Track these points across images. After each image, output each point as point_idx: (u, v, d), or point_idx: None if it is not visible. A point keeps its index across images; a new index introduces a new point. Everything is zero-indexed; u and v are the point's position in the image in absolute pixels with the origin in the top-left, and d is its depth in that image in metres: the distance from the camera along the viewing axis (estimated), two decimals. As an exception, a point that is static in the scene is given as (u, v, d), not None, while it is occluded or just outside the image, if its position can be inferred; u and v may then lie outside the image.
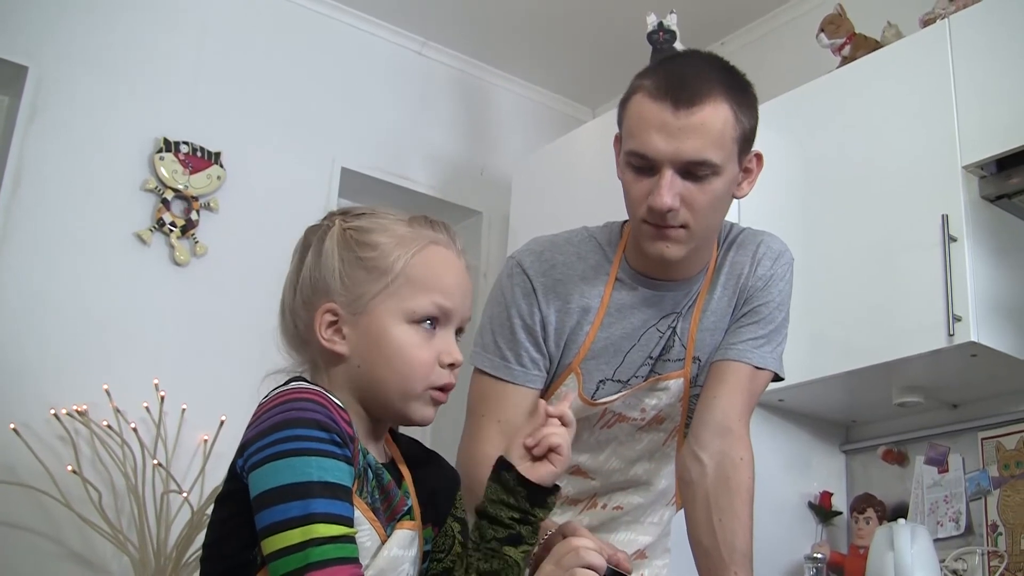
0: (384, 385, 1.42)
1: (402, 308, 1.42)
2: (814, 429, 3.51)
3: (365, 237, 1.46)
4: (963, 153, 2.91)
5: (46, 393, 3.40)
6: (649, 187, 1.80)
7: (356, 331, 1.43)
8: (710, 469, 1.92)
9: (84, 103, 3.75)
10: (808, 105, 3.39)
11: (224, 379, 3.71)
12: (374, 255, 1.44)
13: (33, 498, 3.27)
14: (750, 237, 2.05)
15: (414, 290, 1.43)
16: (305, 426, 1.30)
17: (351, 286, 1.44)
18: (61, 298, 3.55)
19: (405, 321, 1.42)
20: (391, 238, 1.45)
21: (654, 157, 1.78)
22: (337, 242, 1.46)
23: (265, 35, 4.23)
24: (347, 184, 4.31)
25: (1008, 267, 2.94)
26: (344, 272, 1.44)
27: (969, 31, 2.98)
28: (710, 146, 1.78)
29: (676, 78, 1.80)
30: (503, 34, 4.58)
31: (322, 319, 1.44)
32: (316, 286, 1.46)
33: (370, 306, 1.43)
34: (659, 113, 1.77)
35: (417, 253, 1.45)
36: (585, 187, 3.64)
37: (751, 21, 4.34)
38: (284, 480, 1.26)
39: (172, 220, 3.80)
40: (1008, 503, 3.06)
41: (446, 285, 1.45)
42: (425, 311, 1.43)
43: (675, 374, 1.99)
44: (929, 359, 2.91)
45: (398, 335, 1.42)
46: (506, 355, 1.94)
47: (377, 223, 1.48)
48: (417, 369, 1.42)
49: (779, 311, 2.03)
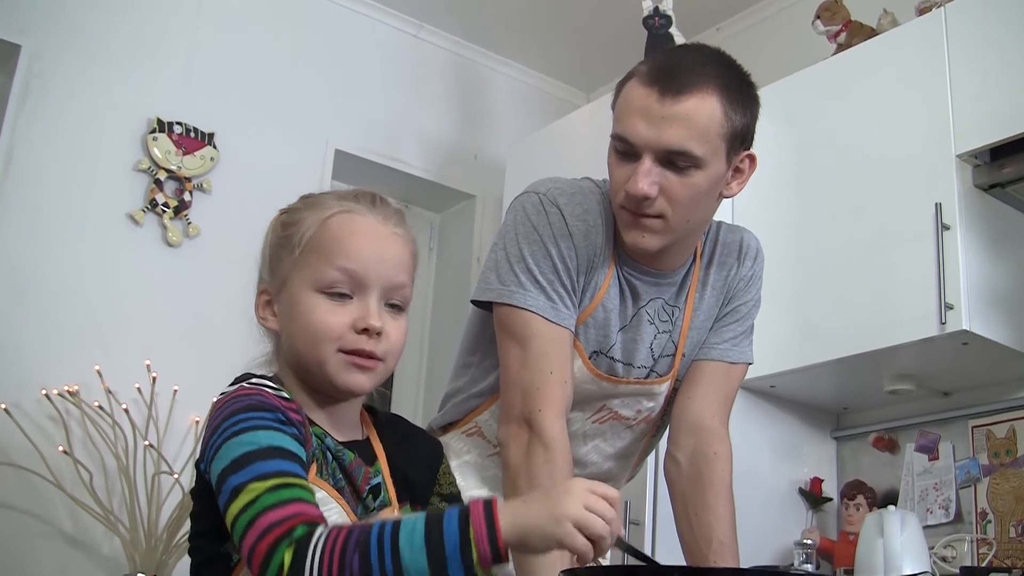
0: (303, 355, 1.43)
1: (310, 277, 1.42)
2: (805, 416, 3.52)
3: (291, 216, 1.49)
4: (957, 142, 2.91)
5: (37, 373, 3.40)
6: (629, 173, 1.77)
7: (281, 307, 1.46)
8: (684, 467, 1.95)
9: (77, 82, 3.73)
10: (803, 92, 3.39)
11: (216, 360, 3.67)
12: (289, 231, 1.46)
13: (24, 479, 3.27)
14: (730, 234, 2.03)
15: (319, 258, 1.43)
16: (245, 411, 1.33)
17: (275, 265, 1.47)
18: (53, 278, 3.54)
19: (314, 290, 1.42)
20: (307, 210, 1.48)
21: (634, 142, 1.76)
22: (271, 228, 1.52)
23: (260, 16, 4.22)
24: (340, 166, 4.30)
25: (1000, 256, 2.95)
26: (271, 253, 1.49)
27: (964, 20, 2.98)
28: (692, 138, 1.75)
29: (668, 67, 1.78)
30: (498, 18, 4.57)
31: (260, 300, 1.49)
32: (260, 274, 1.52)
33: (287, 279, 1.45)
34: (645, 99, 1.75)
35: (326, 221, 1.45)
36: (579, 171, 3.59)
37: (747, 7, 4.33)
38: (230, 457, 1.29)
39: (165, 201, 3.79)
40: (997, 491, 3.07)
41: (351, 250, 1.43)
42: (331, 278, 1.41)
43: (667, 376, 1.98)
44: (921, 347, 2.92)
45: (305, 302, 1.42)
46: (551, 295, 1.85)
47: (308, 202, 1.50)
48: (322, 333, 1.40)
49: (756, 308, 2.06)
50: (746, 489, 2.12)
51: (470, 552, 1.17)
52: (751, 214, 3.11)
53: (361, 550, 1.19)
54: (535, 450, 1.78)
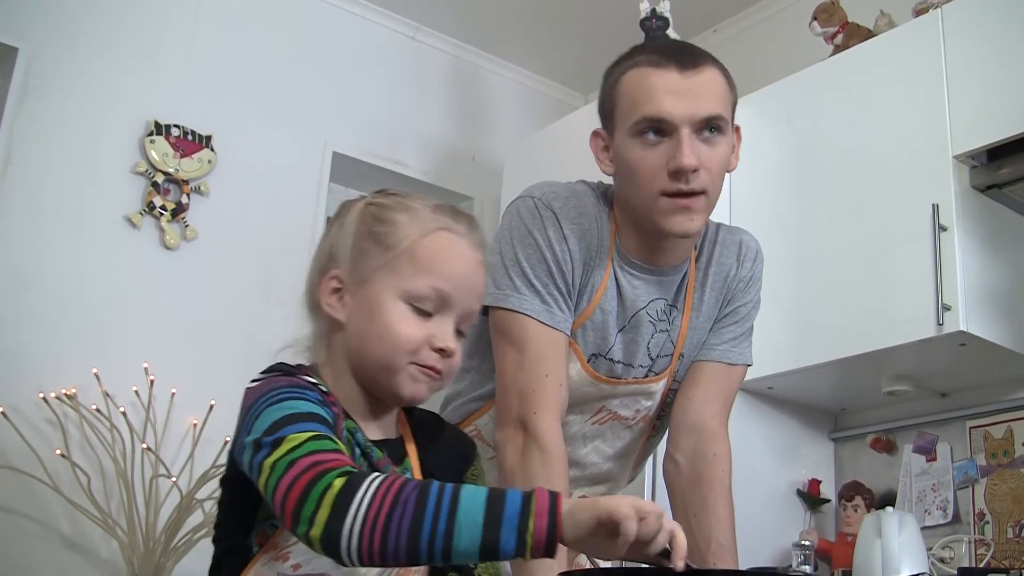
0: (372, 356, 1.42)
1: (400, 285, 1.42)
2: (803, 417, 3.52)
3: (384, 213, 1.47)
4: (954, 143, 2.91)
5: (35, 376, 3.40)
6: (664, 155, 1.78)
7: (355, 300, 1.45)
8: (684, 468, 1.96)
9: (75, 85, 3.73)
10: (800, 94, 3.39)
11: (213, 363, 3.72)
12: (386, 230, 1.45)
13: (21, 482, 3.26)
14: (729, 235, 2.04)
15: (415, 270, 1.43)
16: (286, 387, 1.35)
17: (359, 256, 1.45)
18: (51, 281, 3.54)
19: (401, 299, 1.42)
20: (408, 216, 1.46)
21: (670, 118, 1.77)
22: (358, 214, 1.49)
23: (258, 19, 4.22)
24: (338, 169, 4.30)
25: (997, 257, 2.95)
26: (356, 242, 1.46)
27: (961, 21, 2.98)
28: (718, 103, 1.81)
29: (671, 47, 1.84)
30: (496, 20, 4.57)
31: (327, 284, 1.46)
32: (331, 254, 1.48)
33: (372, 278, 1.43)
34: (666, 77, 1.79)
35: (427, 235, 1.45)
36: (577, 172, 3.60)
37: (744, 9, 4.34)
38: (270, 420, 1.30)
39: (163, 204, 3.79)
40: (995, 492, 3.07)
41: (449, 272, 1.44)
42: (421, 292, 1.42)
43: (664, 373, 1.99)
44: (918, 348, 2.92)
45: (390, 308, 1.42)
46: (546, 299, 1.86)
47: (401, 203, 1.49)
48: (402, 343, 1.41)
49: (755, 310, 2.07)
50: (744, 490, 2.12)
51: (528, 522, 1.17)
52: (749, 215, 3.12)
53: (420, 493, 1.19)
54: (531, 453, 1.78)
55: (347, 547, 1.19)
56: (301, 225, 4.09)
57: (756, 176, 3.38)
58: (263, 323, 3.89)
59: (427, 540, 1.17)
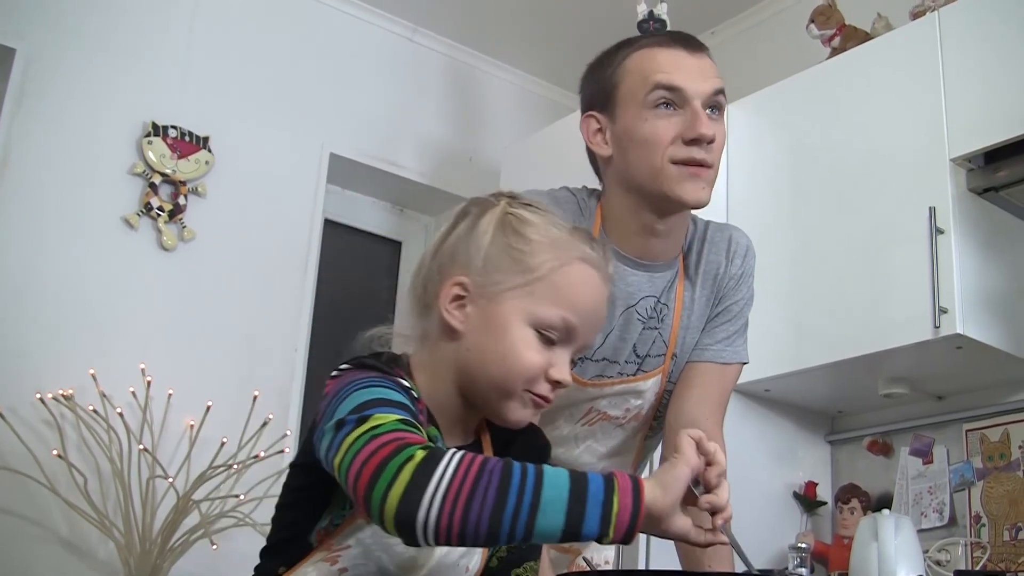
0: (487, 376, 1.39)
1: (531, 310, 1.39)
2: (800, 419, 3.52)
3: (523, 228, 1.43)
4: (951, 146, 2.91)
5: (32, 377, 3.40)
6: (677, 125, 1.83)
7: (479, 314, 1.41)
8: None
9: (72, 86, 3.73)
10: (797, 96, 3.40)
11: (211, 365, 3.72)
12: (525, 249, 1.41)
13: (18, 482, 3.26)
14: (718, 232, 2.05)
15: (550, 298, 1.39)
16: (378, 376, 1.32)
17: (491, 270, 1.41)
18: (48, 282, 3.54)
19: (529, 324, 1.39)
20: (547, 239, 1.42)
21: (685, 87, 1.84)
22: (496, 222, 1.44)
23: (255, 20, 4.22)
24: (335, 170, 4.30)
25: (994, 260, 2.95)
26: (490, 253, 1.41)
27: (958, 24, 2.98)
28: (720, 80, 1.89)
29: (674, 33, 1.95)
30: (494, 21, 4.57)
31: (450, 290, 1.42)
32: (456, 256, 1.44)
33: (502, 296, 1.40)
34: (676, 56, 1.88)
35: (566, 264, 1.41)
36: (573, 174, 3.62)
37: (741, 11, 4.34)
38: (357, 401, 1.27)
39: (160, 205, 3.79)
40: (991, 494, 3.07)
41: (581, 306, 1.41)
42: (551, 322, 1.39)
43: (655, 372, 1.99)
44: (915, 351, 2.92)
45: (518, 332, 1.38)
46: None
47: (540, 219, 1.45)
48: (525, 370, 1.38)
49: (748, 306, 2.07)
50: (741, 493, 2.11)
51: (612, 503, 1.15)
52: (746, 216, 3.12)
53: (504, 468, 1.17)
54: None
55: (424, 521, 1.14)
56: (298, 226, 4.09)
57: (753, 178, 3.38)
58: (261, 324, 3.89)
59: (511, 516, 1.14)
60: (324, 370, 1.41)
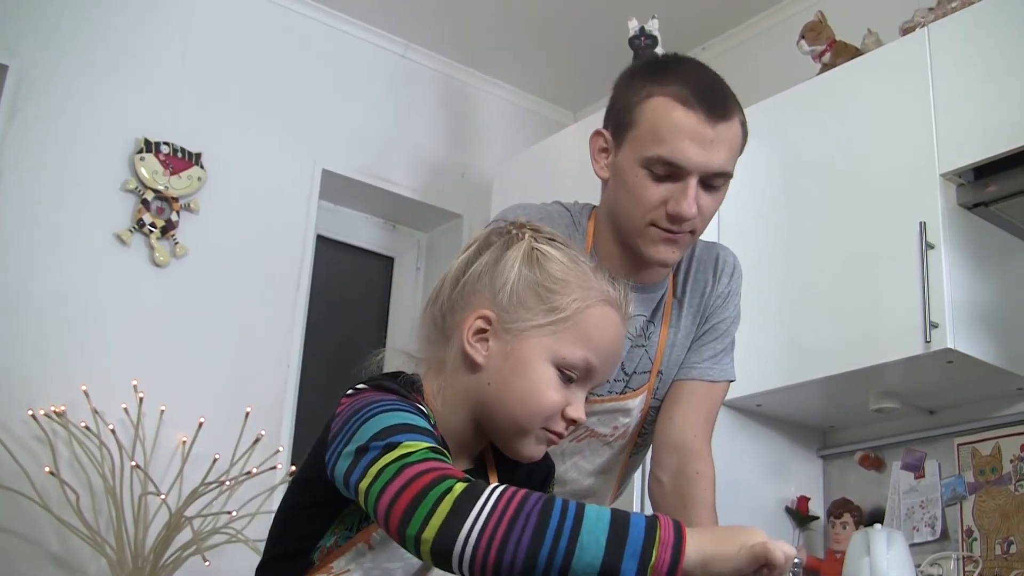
0: (506, 412, 1.40)
1: (555, 349, 1.39)
2: (792, 434, 3.52)
3: (549, 265, 1.42)
4: (941, 161, 2.92)
5: (24, 393, 3.39)
6: (666, 193, 1.80)
7: (502, 350, 1.40)
8: (667, 487, 1.96)
9: (65, 102, 3.74)
10: (788, 111, 3.41)
11: (203, 381, 3.72)
12: (552, 287, 1.41)
13: (10, 499, 3.25)
14: (706, 251, 2.05)
15: (574, 339, 1.40)
16: (390, 400, 1.32)
17: (516, 306, 1.40)
18: (40, 298, 3.54)
19: (551, 362, 1.39)
20: (575, 278, 1.42)
21: (685, 166, 1.78)
22: (522, 257, 1.43)
23: (248, 37, 4.23)
24: (328, 186, 4.31)
25: (985, 275, 2.96)
26: (516, 289, 1.41)
27: (948, 40, 3.00)
28: (733, 158, 1.83)
29: (707, 87, 1.81)
30: (486, 38, 4.59)
31: (474, 323, 1.42)
32: (480, 289, 1.43)
33: (526, 333, 1.40)
34: (692, 122, 1.77)
35: (592, 306, 1.42)
36: (566, 190, 3.62)
37: (732, 27, 4.36)
38: (383, 424, 1.26)
39: (152, 221, 3.79)
40: (983, 508, 3.07)
41: (602, 348, 1.42)
42: (574, 362, 1.40)
43: (641, 389, 1.99)
44: (906, 365, 2.92)
45: (540, 371, 1.39)
46: None
47: (566, 256, 1.44)
48: (546, 409, 1.39)
49: (735, 325, 2.07)
50: (733, 508, 2.12)
51: (652, 551, 1.14)
52: (736, 233, 3.13)
53: (544, 506, 1.15)
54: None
55: (460, 553, 1.13)
56: (291, 242, 4.10)
57: (744, 193, 3.38)
58: (253, 340, 3.89)
59: (547, 555, 1.12)
60: (316, 386, 1.41)
